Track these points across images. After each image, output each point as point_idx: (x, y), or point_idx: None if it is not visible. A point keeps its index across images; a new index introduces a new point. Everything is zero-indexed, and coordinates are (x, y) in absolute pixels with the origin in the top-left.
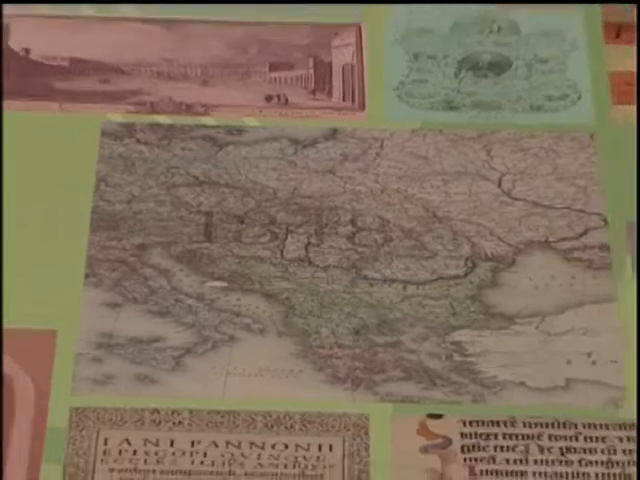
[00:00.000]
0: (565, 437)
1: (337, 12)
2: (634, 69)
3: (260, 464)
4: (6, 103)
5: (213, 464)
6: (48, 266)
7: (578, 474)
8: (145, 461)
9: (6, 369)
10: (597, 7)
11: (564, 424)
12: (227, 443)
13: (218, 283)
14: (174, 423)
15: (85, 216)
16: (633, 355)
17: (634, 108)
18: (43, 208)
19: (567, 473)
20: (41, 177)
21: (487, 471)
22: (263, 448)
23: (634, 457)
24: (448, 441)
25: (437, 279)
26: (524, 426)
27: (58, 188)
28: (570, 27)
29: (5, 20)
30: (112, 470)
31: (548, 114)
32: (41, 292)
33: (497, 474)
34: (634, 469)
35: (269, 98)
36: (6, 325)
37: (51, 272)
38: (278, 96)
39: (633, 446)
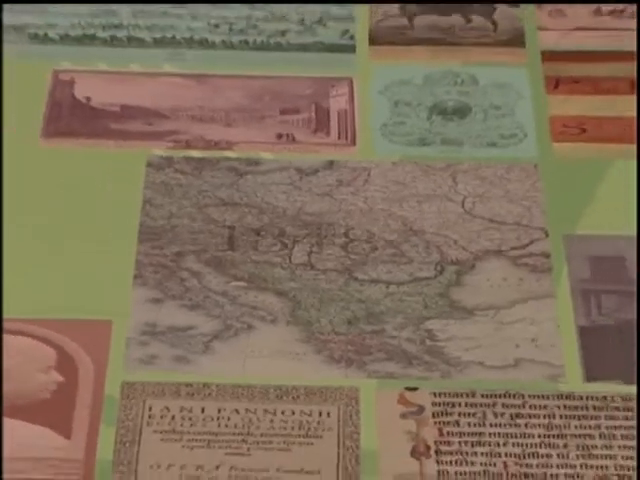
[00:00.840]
0: (514, 405)
1: (334, 68)
2: (575, 112)
3: (272, 427)
4: (71, 140)
5: (235, 427)
6: (106, 270)
7: (524, 434)
8: (181, 424)
9: (71, 351)
10: (539, 64)
11: (513, 395)
12: (246, 410)
13: (239, 283)
14: (204, 394)
15: (134, 230)
16: (570, 339)
17: (570, 144)
18: (102, 224)
19: (516, 434)
20: (100, 199)
21: (452, 432)
22: (275, 414)
23: (570, 421)
24: (422, 409)
25: (413, 280)
26: (482, 397)
27: (113, 208)
28: (518, 80)
29: (71, 74)
30: (155, 432)
31: (501, 149)
32: (100, 291)
33: (460, 435)
34: (572, 430)
35: (279, 136)
36: (72, 317)
37: (108, 274)
38: (287, 135)
39: (569, 412)
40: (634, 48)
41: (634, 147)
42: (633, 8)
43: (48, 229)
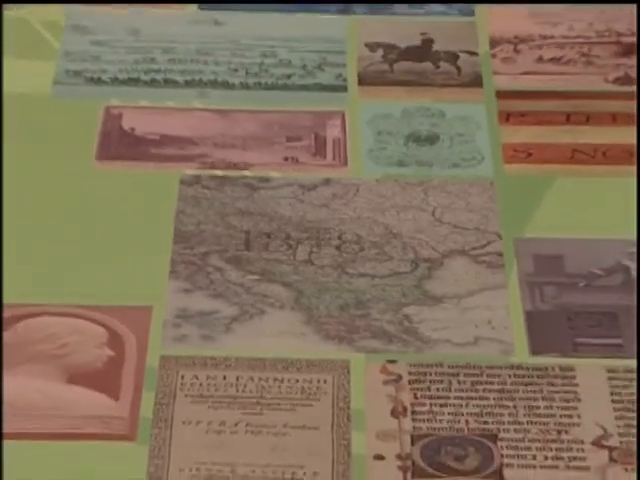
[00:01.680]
0: (474, 374)
1: (329, 104)
2: (522, 140)
3: (280, 392)
4: (119, 163)
5: (250, 392)
6: (147, 265)
7: (482, 398)
8: (207, 390)
9: (119, 330)
10: (494, 101)
11: (473, 366)
12: (259, 379)
13: (253, 276)
14: (225, 365)
15: (170, 234)
16: (519, 321)
17: (519, 165)
18: (144, 229)
19: (475, 397)
20: (142, 209)
21: (424, 396)
22: (282, 382)
23: (519, 387)
24: (400, 377)
25: (393, 274)
26: (448, 368)
27: (153, 216)
28: (477, 114)
29: (119, 110)
30: (186, 395)
31: (463, 169)
32: (143, 282)
33: (431, 398)
34: (520, 394)
35: (286, 159)
36: (121, 303)
37: (149, 269)
38: (292, 157)
39: (518, 380)
40: (568, 89)
41: (570, 167)
42: (572, 55)
43: (102, 233)
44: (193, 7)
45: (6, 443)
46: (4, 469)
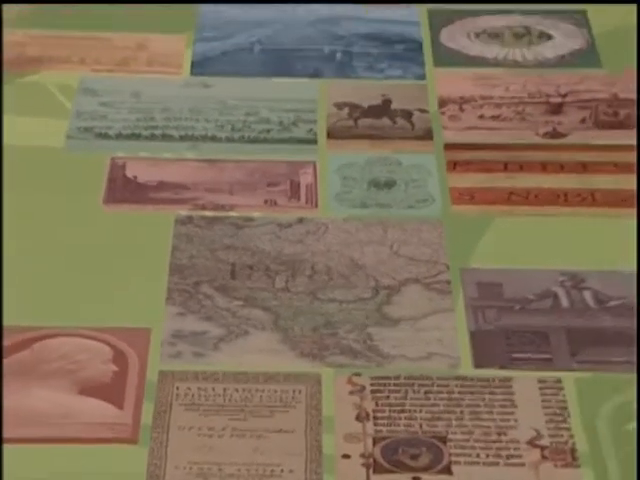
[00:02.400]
0: (426, 385)
1: (303, 155)
2: (467, 185)
3: (261, 401)
4: (123, 205)
5: (236, 401)
6: (147, 293)
7: (433, 404)
8: (199, 399)
9: (123, 349)
10: (443, 152)
11: (426, 378)
12: (243, 390)
13: (238, 302)
14: (214, 379)
15: (166, 266)
16: (464, 340)
17: (464, 207)
18: (144, 262)
19: (427, 404)
20: (143, 245)
21: (384, 404)
22: (263, 392)
23: (464, 395)
24: (363, 387)
25: (358, 300)
26: (404, 379)
27: (152, 250)
28: (429, 163)
29: (123, 160)
30: (180, 404)
31: (417, 210)
32: (143, 308)
33: (390, 405)
34: (465, 402)
35: (266, 202)
36: (125, 325)
37: (149, 296)
38: (271, 200)
39: (463, 389)
40: (505, 142)
41: (507, 207)
42: (508, 113)
43: (108, 265)
44: (186, 73)
45: (23, 447)
46: (20, 472)
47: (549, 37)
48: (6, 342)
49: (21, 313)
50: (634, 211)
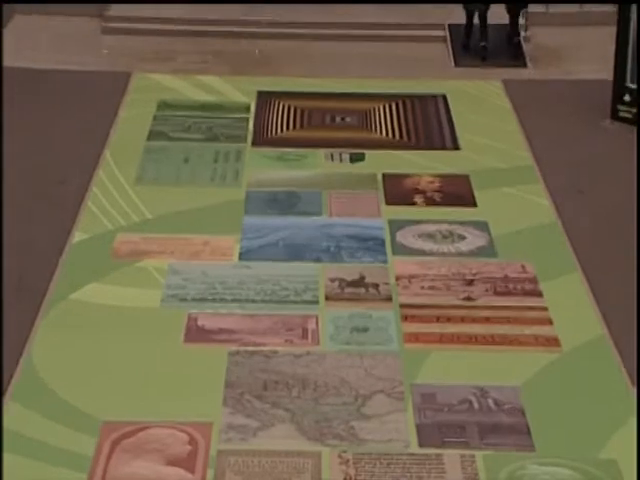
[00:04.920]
0: (388, 459)
1: (309, 311)
2: (416, 330)
3: (282, 469)
4: (196, 344)
5: (266, 469)
6: (210, 402)
7: (393, 471)
8: (243, 468)
9: (195, 435)
10: (399, 309)
11: (388, 454)
12: (272, 461)
13: (267, 405)
14: (252, 455)
15: (222, 382)
16: (412, 430)
17: (413, 345)
18: (208, 379)
19: (389, 471)
20: (207, 369)
21: (362, 470)
22: (283, 463)
23: (412, 465)
24: (348, 460)
25: (344, 404)
26: (375, 455)
27: (213, 372)
28: (390, 317)
29: (196, 314)
30: (231, 471)
31: (383, 346)
32: (208, 409)
33: (365, 471)
34: (414, 468)
35: (286, 341)
36: (196, 420)
37: (211, 401)
38: (289, 340)
39: (413, 462)
40: (440, 303)
41: (440, 345)
42: (439, 285)
43: (187, 381)
44: (235, 259)
45: None
46: None
47: (464, 238)
48: (120, 431)
49: (130, 412)
50: (520, 348)
